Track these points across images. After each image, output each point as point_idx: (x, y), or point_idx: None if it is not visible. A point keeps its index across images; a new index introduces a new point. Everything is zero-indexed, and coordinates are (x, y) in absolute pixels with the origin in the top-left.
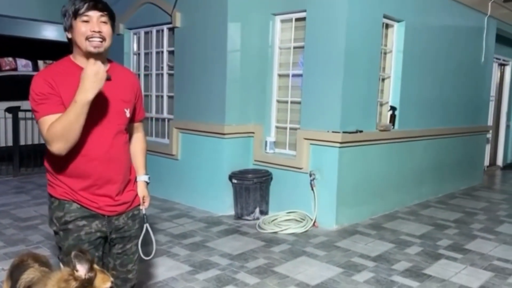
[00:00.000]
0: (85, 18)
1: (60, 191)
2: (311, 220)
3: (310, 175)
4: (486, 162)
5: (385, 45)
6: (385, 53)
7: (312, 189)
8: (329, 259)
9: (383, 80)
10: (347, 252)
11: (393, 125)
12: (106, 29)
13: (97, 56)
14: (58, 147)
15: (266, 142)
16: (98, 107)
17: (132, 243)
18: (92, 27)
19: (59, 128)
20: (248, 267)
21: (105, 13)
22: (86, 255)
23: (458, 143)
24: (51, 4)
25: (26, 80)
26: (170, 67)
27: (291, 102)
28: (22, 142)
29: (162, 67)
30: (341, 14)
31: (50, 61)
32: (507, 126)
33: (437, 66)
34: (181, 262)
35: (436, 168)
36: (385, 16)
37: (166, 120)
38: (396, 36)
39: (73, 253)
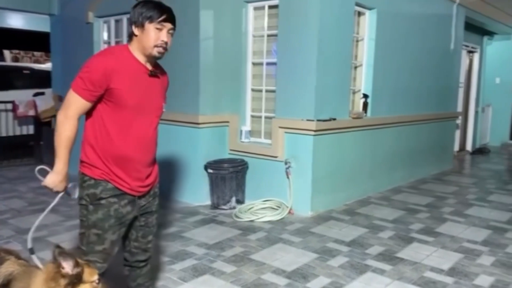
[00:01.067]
0: (159, 26)
1: (97, 172)
2: (287, 207)
3: (286, 163)
4: (456, 147)
5: (357, 33)
6: (357, 41)
7: (288, 177)
8: (305, 245)
9: (355, 68)
10: (322, 237)
11: (366, 112)
12: (170, 41)
13: (157, 59)
14: (57, 120)
15: (241, 131)
16: (148, 96)
17: (153, 217)
18: (162, 36)
19: (61, 126)
20: (225, 255)
21: (174, 26)
22: (69, 252)
23: (428, 129)
24: None
25: None
26: None
27: (266, 91)
28: None
29: None
30: (313, 2)
31: (17, 51)
32: (476, 112)
33: (408, 54)
34: (157, 253)
35: (407, 154)
36: (357, 4)
37: None
38: (368, 24)
39: (56, 251)
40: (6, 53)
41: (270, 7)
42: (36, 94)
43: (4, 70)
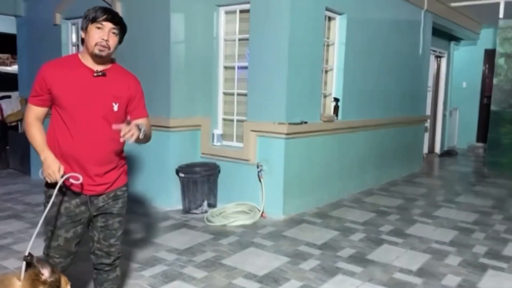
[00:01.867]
0: (99, 25)
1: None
2: (259, 211)
3: (258, 167)
4: (425, 149)
5: (328, 38)
6: (328, 46)
7: (260, 181)
8: (277, 249)
9: (326, 72)
10: (294, 241)
11: (337, 116)
12: (113, 40)
13: (100, 58)
14: (23, 129)
15: (213, 134)
16: (90, 96)
17: (114, 220)
18: (103, 35)
19: (28, 132)
20: (196, 261)
21: (118, 26)
22: (45, 260)
23: (398, 132)
24: None
25: None
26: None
27: (238, 94)
28: None
29: None
30: (284, 7)
31: None
32: (444, 115)
33: (377, 58)
34: (127, 259)
35: (378, 156)
36: (327, 9)
37: None
38: (338, 28)
39: (35, 259)
40: None
41: (242, 11)
42: (1, 98)
43: None
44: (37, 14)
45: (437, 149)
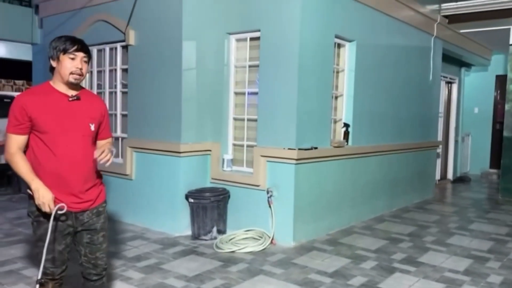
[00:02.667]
0: (72, 56)
1: (30, 191)
2: (269, 237)
3: (267, 192)
4: (437, 176)
5: (338, 64)
6: (337, 72)
7: (270, 206)
8: (287, 276)
9: (336, 98)
10: (304, 269)
11: (347, 141)
12: (85, 67)
13: (74, 85)
14: (6, 160)
15: (223, 159)
16: (68, 118)
17: (98, 235)
18: (76, 64)
19: (13, 163)
20: None
21: (87, 54)
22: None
23: (410, 158)
24: None
25: None
26: (124, 85)
27: (248, 120)
28: None
29: (116, 85)
30: (293, 35)
31: None
32: (456, 141)
33: (388, 84)
34: (135, 286)
35: (389, 182)
36: (336, 36)
37: (120, 139)
38: (348, 55)
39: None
40: None
41: (252, 38)
42: None
43: None
44: None
45: (450, 175)
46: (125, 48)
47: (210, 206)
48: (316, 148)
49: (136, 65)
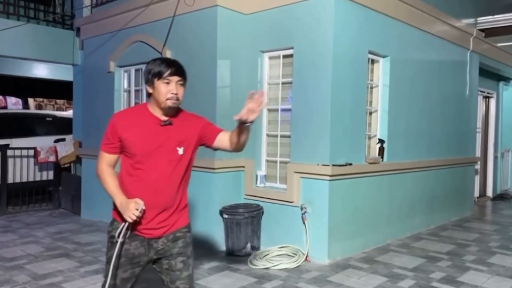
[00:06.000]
0: (167, 80)
1: (115, 213)
2: (303, 254)
3: (301, 209)
4: (476, 193)
5: (371, 80)
6: (371, 88)
7: (304, 223)
8: None
9: (370, 113)
10: (340, 287)
11: (382, 157)
12: (181, 91)
13: (171, 109)
14: (96, 175)
15: (257, 176)
16: (156, 143)
17: (176, 260)
18: (171, 89)
19: (101, 178)
20: None
21: (183, 77)
22: None
23: (447, 175)
24: (41, 44)
25: (16, 118)
26: None
27: (281, 136)
28: (10, 180)
29: None
30: (327, 51)
31: (41, 99)
32: (495, 157)
33: (423, 99)
34: None
35: (426, 199)
36: (370, 52)
37: None
38: (381, 70)
39: None
40: (31, 101)
41: (285, 56)
42: (57, 140)
43: (28, 118)
44: (92, 63)
45: (489, 193)
46: None
47: (244, 222)
48: (350, 164)
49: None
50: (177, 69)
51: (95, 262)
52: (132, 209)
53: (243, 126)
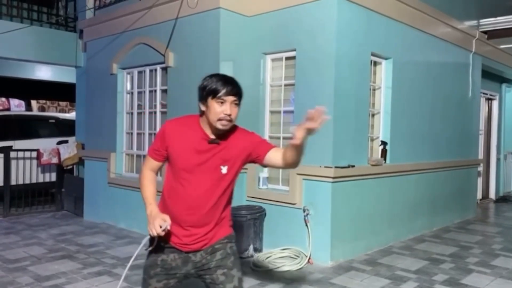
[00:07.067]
0: (221, 100)
1: None
2: (306, 256)
3: (304, 211)
4: (479, 195)
5: (374, 82)
6: (374, 90)
7: (306, 225)
8: None
9: (373, 115)
10: None
11: (385, 159)
12: (235, 112)
13: (221, 130)
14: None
15: (259, 177)
16: (200, 160)
17: (216, 273)
18: (225, 109)
19: (140, 182)
20: None
21: (238, 97)
22: None
23: (450, 177)
24: (44, 46)
25: (18, 120)
26: (163, 106)
27: (283, 138)
28: (13, 182)
29: (155, 106)
30: (329, 53)
31: (43, 101)
32: (498, 159)
33: (426, 101)
34: None
35: (429, 201)
36: (373, 54)
37: None
38: (384, 72)
39: None
40: (33, 103)
41: (287, 58)
42: (60, 142)
43: (31, 120)
44: (95, 65)
45: (492, 195)
46: (164, 69)
47: (246, 224)
48: (353, 166)
49: (175, 86)
50: (233, 88)
51: (98, 264)
52: (156, 225)
53: (298, 146)
